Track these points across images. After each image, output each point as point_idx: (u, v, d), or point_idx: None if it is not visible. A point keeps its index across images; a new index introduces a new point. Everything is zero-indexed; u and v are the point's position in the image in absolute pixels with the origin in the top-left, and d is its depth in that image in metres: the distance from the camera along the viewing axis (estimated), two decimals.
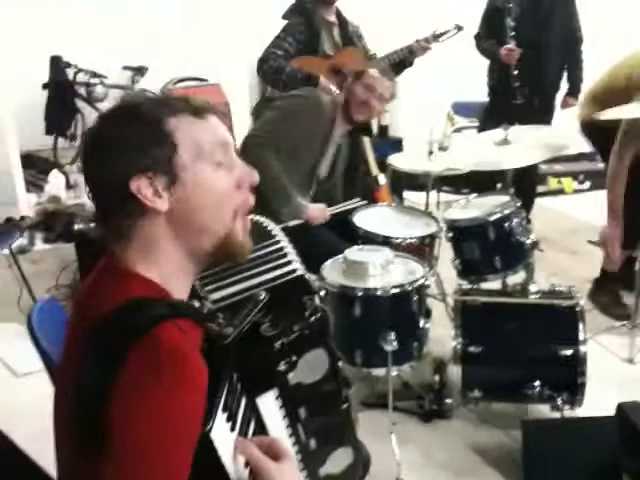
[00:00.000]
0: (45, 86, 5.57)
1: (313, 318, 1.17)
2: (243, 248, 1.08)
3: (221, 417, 0.96)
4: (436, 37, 3.47)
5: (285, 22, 3.54)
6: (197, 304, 1.07)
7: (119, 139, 0.99)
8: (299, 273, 1.23)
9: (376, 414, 2.56)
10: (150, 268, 1.01)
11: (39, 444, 1.33)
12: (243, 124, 4.47)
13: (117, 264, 1.01)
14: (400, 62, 3.49)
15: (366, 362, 2.25)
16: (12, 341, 3.23)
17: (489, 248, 2.54)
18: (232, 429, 1.01)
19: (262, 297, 1.11)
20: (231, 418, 1.01)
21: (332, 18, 3.55)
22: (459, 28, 3.51)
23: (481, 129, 4.17)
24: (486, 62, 4.20)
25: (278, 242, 1.32)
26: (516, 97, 3.96)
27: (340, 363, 1.24)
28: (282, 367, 1.13)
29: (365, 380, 2.65)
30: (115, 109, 1.03)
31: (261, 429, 1.11)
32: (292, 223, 2.65)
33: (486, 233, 2.52)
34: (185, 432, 0.88)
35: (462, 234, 2.61)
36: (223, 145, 1.04)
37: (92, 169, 1.02)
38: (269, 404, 1.13)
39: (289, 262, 1.26)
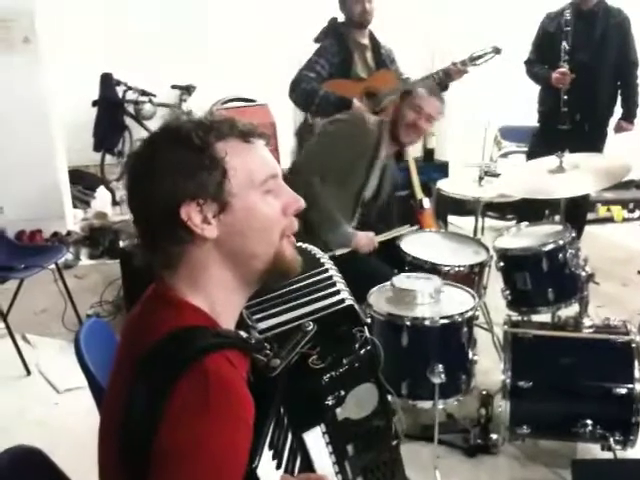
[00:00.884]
0: (95, 103, 5.67)
1: (363, 351, 1.14)
2: (293, 264, 1.06)
3: (267, 454, 0.94)
4: (473, 60, 3.36)
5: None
6: (244, 334, 1.04)
7: (167, 164, 0.97)
8: (348, 303, 1.18)
9: (418, 446, 2.50)
10: (199, 296, 0.99)
11: (79, 461, 1.32)
12: (288, 145, 4.47)
13: (165, 291, 1.00)
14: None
15: (412, 394, 2.20)
16: (55, 357, 3.27)
17: (542, 279, 2.47)
18: (278, 467, 0.99)
19: (310, 328, 1.07)
20: (277, 455, 0.98)
21: (365, 41, 3.52)
22: (497, 51, 3.39)
23: (530, 155, 4.08)
24: (534, 86, 4.14)
25: (327, 270, 1.29)
26: (565, 122, 3.89)
27: (390, 397, 1.19)
28: (330, 402, 1.10)
29: (407, 410, 2.59)
30: (161, 133, 1.01)
31: (307, 465, 1.08)
32: (339, 252, 2.60)
33: (540, 264, 2.45)
34: (231, 468, 0.86)
35: (514, 264, 2.54)
36: (271, 174, 1.02)
37: (139, 195, 1.00)
38: (316, 440, 1.10)
39: (338, 292, 1.22)
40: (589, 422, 2.23)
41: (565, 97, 3.86)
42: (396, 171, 3.19)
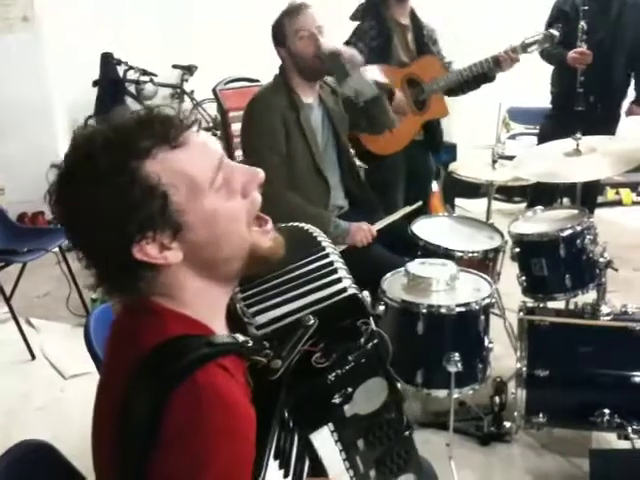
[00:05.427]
0: (95, 83, 5.58)
1: (369, 345, 1.05)
2: (273, 250, 0.98)
3: (273, 465, 0.89)
4: (525, 47, 3.11)
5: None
6: (241, 337, 0.95)
7: (96, 214, 0.84)
8: (351, 292, 1.08)
9: (428, 434, 2.47)
10: (180, 305, 0.92)
11: (85, 448, 1.27)
12: None
13: (144, 305, 0.92)
14: (481, 75, 3.19)
15: (427, 383, 2.14)
16: (60, 342, 3.23)
17: (559, 265, 2.41)
18: (285, 475, 0.94)
19: (311, 322, 0.99)
20: (284, 464, 0.94)
21: (406, 20, 3.24)
22: (551, 37, 3.13)
23: (542, 137, 4.01)
24: (543, 67, 4.05)
25: (327, 255, 1.18)
26: (580, 104, 3.80)
27: (399, 385, 1.13)
28: (337, 400, 1.04)
29: (417, 397, 2.54)
30: (76, 170, 0.87)
31: (316, 464, 1.03)
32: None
33: (557, 249, 2.39)
34: None
35: (530, 249, 2.47)
36: (217, 165, 0.90)
37: (79, 246, 0.90)
38: (324, 439, 1.05)
39: (339, 279, 1.11)
40: (607, 411, 2.18)
41: (582, 78, 3.77)
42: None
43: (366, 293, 1.13)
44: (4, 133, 4.45)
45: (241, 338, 0.94)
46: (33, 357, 3.15)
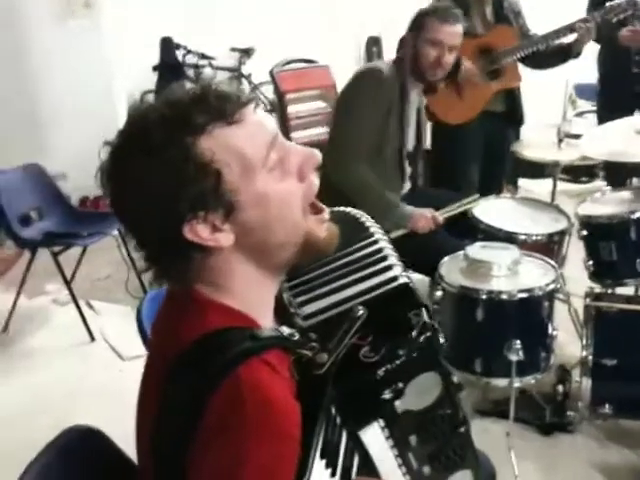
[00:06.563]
0: (155, 68, 5.64)
1: (422, 338, 0.99)
2: (327, 241, 0.93)
3: (319, 464, 0.84)
4: (605, 14, 2.92)
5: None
6: (286, 329, 0.90)
7: (147, 189, 0.82)
8: (402, 281, 1.01)
9: (488, 423, 2.40)
10: (227, 295, 0.88)
11: None
12: None
13: (188, 295, 0.88)
14: (562, 49, 3.08)
15: (486, 371, 2.07)
16: (119, 324, 3.27)
17: (630, 249, 2.28)
18: (333, 474, 0.90)
19: (359, 313, 0.93)
20: (331, 463, 0.89)
21: None
22: (634, 4, 2.92)
23: (600, 119, 3.81)
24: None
25: (376, 242, 1.11)
26: (636, 85, 3.58)
27: (455, 376, 1.06)
28: (387, 395, 0.99)
29: (476, 385, 2.47)
30: (127, 145, 0.84)
31: (366, 462, 0.99)
32: (395, 234, 2.39)
33: (627, 232, 2.26)
34: None
35: (598, 232, 2.35)
36: (271, 142, 0.86)
37: (129, 224, 0.87)
38: (374, 436, 1.00)
39: (389, 267, 1.04)
40: None
41: (637, 57, 3.54)
42: None
43: (416, 277, 1.06)
44: (66, 119, 4.54)
45: (286, 331, 0.89)
46: (93, 339, 3.20)
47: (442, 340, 1.06)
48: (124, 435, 1.20)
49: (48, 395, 2.75)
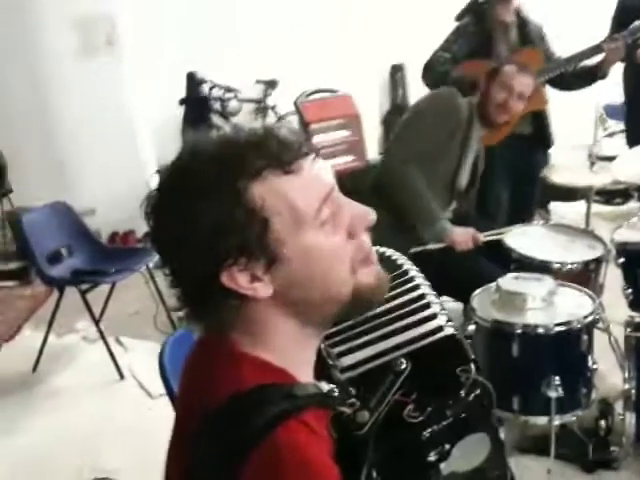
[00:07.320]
0: (182, 102, 5.69)
1: (471, 397, 0.92)
2: (377, 293, 0.86)
3: None
4: (632, 34, 2.90)
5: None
6: (325, 385, 0.85)
7: (192, 227, 0.78)
8: (449, 332, 0.95)
9: (527, 460, 2.30)
10: (263, 349, 0.83)
11: None
12: (373, 135, 4.31)
13: (223, 344, 0.84)
14: (589, 71, 3.08)
15: (524, 409, 1.99)
16: (148, 360, 3.23)
17: None
18: None
19: (403, 367, 0.89)
20: None
21: (509, 18, 3.23)
22: None
23: (629, 139, 3.73)
24: None
25: (417, 287, 1.04)
26: None
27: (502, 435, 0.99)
28: (432, 458, 0.91)
29: (514, 423, 2.37)
30: (178, 180, 0.81)
31: None
32: (432, 246, 2.42)
33: None
34: None
35: (636, 259, 2.27)
36: (326, 197, 0.81)
37: (169, 261, 0.84)
38: None
39: (433, 315, 0.98)
40: None
41: None
42: None
43: (459, 308, 0.99)
44: (92, 153, 4.59)
45: (326, 387, 0.84)
46: (122, 377, 3.18)
47: (494, 396, 0.98)
48: (155, 474, 1.16)
49: (74, 435, 2.72)
